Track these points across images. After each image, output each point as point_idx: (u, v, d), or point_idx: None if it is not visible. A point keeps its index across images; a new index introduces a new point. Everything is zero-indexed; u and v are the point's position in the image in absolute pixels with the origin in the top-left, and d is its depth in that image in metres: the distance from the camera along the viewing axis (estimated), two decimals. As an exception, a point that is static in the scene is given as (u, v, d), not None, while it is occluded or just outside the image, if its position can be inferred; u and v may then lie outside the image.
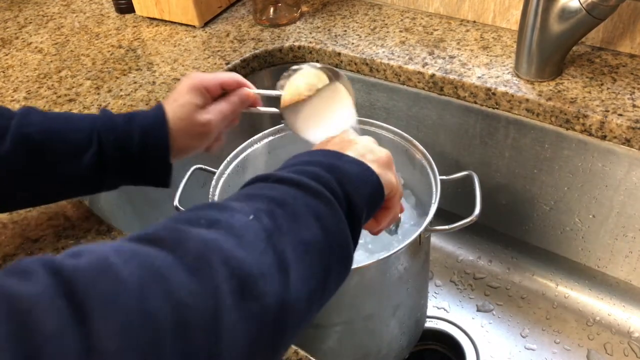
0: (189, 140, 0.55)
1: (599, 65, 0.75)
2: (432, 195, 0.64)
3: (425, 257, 0.69)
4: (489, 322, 0.84)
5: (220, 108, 0.56)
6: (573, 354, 0.79)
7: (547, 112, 0.71)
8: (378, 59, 0.82)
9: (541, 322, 0.83)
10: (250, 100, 0.59)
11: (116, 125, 0.52)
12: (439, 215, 0.62)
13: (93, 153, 0.51)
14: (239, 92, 0.58)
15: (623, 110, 0.67)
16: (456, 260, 0.93)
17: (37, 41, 0.98)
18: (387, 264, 0.60)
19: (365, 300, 0.64)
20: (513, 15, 0.83)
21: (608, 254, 0.79)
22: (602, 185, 0.73)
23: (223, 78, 0.57)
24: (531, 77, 0.73)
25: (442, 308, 0.87)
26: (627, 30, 0.75)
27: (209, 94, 0.56)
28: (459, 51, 0.81)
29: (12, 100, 0.81)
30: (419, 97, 0.82)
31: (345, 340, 0.67)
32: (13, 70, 0.90)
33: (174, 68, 0.85)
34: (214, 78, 0.56)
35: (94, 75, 0.86)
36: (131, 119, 0.53)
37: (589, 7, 0.64)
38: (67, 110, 0.78)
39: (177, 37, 0.94)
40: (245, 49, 0.88)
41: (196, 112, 0.55)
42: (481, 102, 0.76)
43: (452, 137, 0.83)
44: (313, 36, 0.89)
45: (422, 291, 0.75)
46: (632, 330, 0.80)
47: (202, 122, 0.55)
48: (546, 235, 0.84)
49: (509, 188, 0.83)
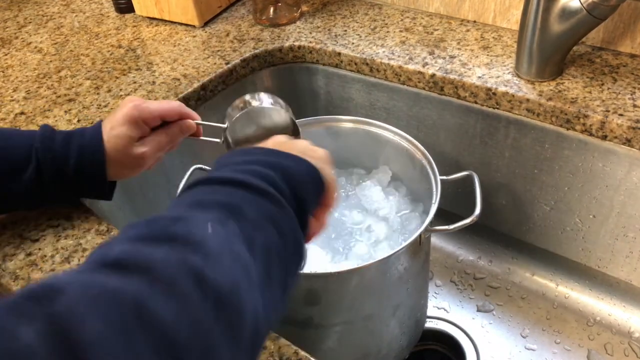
0: (123, 169, 0.55)
1: (599, 65, 0.75)
2: (433, 195, 0.64)
3: (425, 257, 0.69)
4: (489, 322, 0.84)
5: (158, 139, 0.56)
6: (573, 354, 0.79)
7: (548, 112, 0.71)
8: (378, 58, 0.82)
9: (541, 322, 0.83)
10: (191, 131, 0.58)
11: (54, 144, 0.53)
12: (439, 216, 0.62)
13: (32, 170, 0.52)
14: (179, 123, 0.57)
15: (623, 110, 0.67)
16: (456, 260, 0.93)
17: (36, 41, 0.98)
18: (387, 264, 0.60)
19: (366, 301, 0.64)
20: (513, 15, 0.83)
21: (608, 254, 0.79)
22: (602, 185, 0.73)
23: (164, 110, 0.55)
24: (531, 77, 0.73)
25: (442, 308, 0.86)
26: (628, 30, 0.75)
27: (147, 126, 0.55)
28: (459, 51, 0.81)
29: (12, 100, 0.81)
30: (419, 97, 0.82)
31: (345, 341, 0.67)
32: (13, 70, 0.90)
33: (174, 68, 0.85)
34: (154, 109, 0.55)
35: (94, 75, 0.86)
36: (69, 137, 0.54)
37: (590, 7, 0.64)
38: (66, 109, 0.78)
39: (177, 37, 0.94)
40: (245, 48, 0.88)
41: (131, 144, 0.54)
42: (481, 102, 0.76)
43: (452, 137, 0.83)
44: (313, 36, 0.89)
45: (422, 291, 0.75)
46: (632, 331, 0.80)
47: (137, 154, 0.54)
48: (546, 235, 0.84)
49: (509, 188, 0.83)
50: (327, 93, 0.92)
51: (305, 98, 0.94)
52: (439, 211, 0.61)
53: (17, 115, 0.78)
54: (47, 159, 0.53)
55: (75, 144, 0.53)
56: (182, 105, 0.57)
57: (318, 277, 0.59)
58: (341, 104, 0.92)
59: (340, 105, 0.92)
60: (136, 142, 0.54)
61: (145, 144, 0.55)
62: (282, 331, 0.49)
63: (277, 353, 0.47)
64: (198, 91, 0.81)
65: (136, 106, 0.54)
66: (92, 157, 0.53)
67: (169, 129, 0.57)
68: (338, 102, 0.92)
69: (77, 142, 0.54)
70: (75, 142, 0.54)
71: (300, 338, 0.63)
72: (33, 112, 0.78)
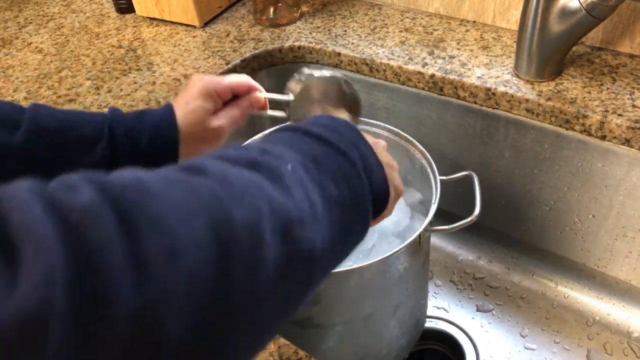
0: (201, 145, 0.55)
1: (598, 65, 0.75)
2: (432, 195, 0.64)
3: (425, 257, 0.69)
4: (488, 322, 0.84)
5: (232, 113, 0.56)
6: (573, 353, 0.79)
7: (547, 112, 0.71)
8: (378, 59, 0.82)
9: (541, 322, 0.83)
10: (260, 104, 0.59)
11: (127, 120, 0.53)
12: (439, 215, 0.62)
13: (105, 145, 0.51)
14: (249, 96, 0.58)
15: (623, 110, 0.68)
16: (456, 260, 0.93)
17: (37, 41, 0.98)
18: (387, 263, 0.60)
19: (365, 300, 0.64)
20: (513, 15, 0.83)
21: (608, 253, 0.79)
22: (601, 185, 0.73)
23: (234, 82, 0.56)
24: (531, 77, 0.74)
25: (442, 308, 0.87)
26: (627, 30, 0.75)
27: (220, 99, 0.56)
28: (459, 51, 0.81)
29: (12, 100, 0.81)
30: (419, 97, 0.82)
31: (345, 340, 0.67)
32: (13, 70, 0.90)
33: (174, 68, 0.85)
34: (226, 82, 0.55)
35: (94, 75, 0.86)
36: (142, 115, 0.53)
37: (589, 7, 0.64)
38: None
39: (177, 37, 0.94)
40: (245, 49, 0.88)
41: (208, 117, 0.54)
42: (481, 102, 0.76)
43: (452, 137, 0.83)
44: (313, 36, 0.90)
45: (422, 291, 0.75)
46: (631, 330, 0.80)
47: (215, 127, 0.55)
48: (546, 235, 0.84)
49: (509, 188, 0.83)
50: (327, 93, 0.93)
51: (305, 98, 0.94)
52: (438, 211, 0.61)
53: (18, 116, 0.78)
54: (120, 133, 0.52)
55: (148, 121, 0.53)
56: (249, 78, 0.58)
57: (318, 276, 0.60)
58: (341, 104, 0.92)
59: (340, 105, 0.92)
60: (212, 116, 0.55)
61: (221, 117, 0.55)
62: (282, 331, 0.49)
63: (277, 353, 0.47)
64: (198, 91, 0.81)
65: (209, 80, 0.55)
66: (165, 135, 0.53)
67: (241, 102, 0.57)
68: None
69: (149, 119, 0.53)
70: (148, 119, 0.53)
71: (300, 338, 0.63)
72: (33, 112, 0.78)
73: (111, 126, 0.52)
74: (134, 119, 0.53)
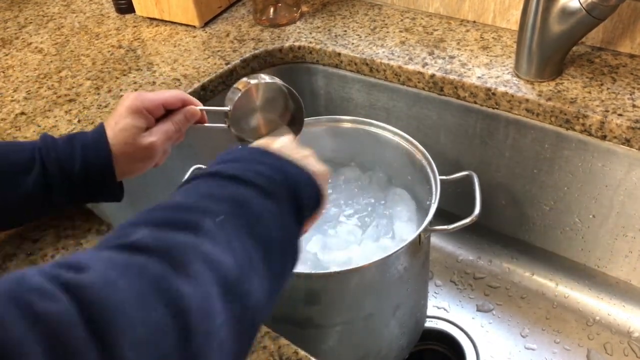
0: (133, 163, 0.55)
1: (598, 65, 0.75)
2: (432, 195, 0.64)
3: (425, 257, 0.69)
4: (489, 322, 0.84)
5: (164, 129, 0.55)
6: (573, 353, 0.79)
7: (547, 112, 0.71)
8: (378, 59, 0.82)
9: (541, 322, 0.83)
10: (196, 117, 0.58)
11: (57, 145, 0.53)
12: (439, 215, 0.62)
13: (37, 173, 0.51)
14: (183, 110, 0.56)
15: (623, 110, 0.68)
16: (456, 260, 0.93)
17: (37, 41, 0.98)
18: (387, 264, 0.60)
19: (366, 300, 0.64)
20: (513, 15, 0.83)
21: (608, 253, 0.79)
22: (602, 185, 0.73)
23: (165, 98, 0.55)
24: (531, 77, 0.74)
25: (442, 308, 0.87)
26: (627, 30, 0.75)
27: (152, 115, 0.54)
28: (459, 51, 0.81)
29: (12, 100, 0.81)
30: (419, 97, 0.82)
31: (345, 340, 0.67)
32: (13, 70, 0.90)
33: (174, 68, 0.85)
34: (155, 98, 0.54)
35: (94, 76, 0.86)
36: (72, 138, 0.53)
37: (589, 7, 0.64)
38: (66, 110, 0.78)
39: (177, 37, 0.94)
40: (245, 49, 0.88)
41: (139, 135, 0.53)
42: (481, 102, 0.76)
43: (452, 137, 0.83)
44: (313, 36, 0.90)
45: (422, 291, 0.75)
46: (632, 330, 0.80)
47: (146, 145, 0.54)
48: (546, 235, 0.84)
49: (509, 188, 0.83)
50: (327, 93, 0.93)
51: (305, 98, 0.94)
52: (438, 211, 0.61)
53: (18, 116, 0.78)
54: (51, 158, 0.52)
55: (79, 143, 0.53)
56: (182, 92, 0.57)
57: (318, 277, 0.60)
58: (341, 104, 0.92)
59: (340, 105, 0.92)
60: (144, 133, 0.54)
61: (153, 134, 0.54)
62: (282, 331, 0.49)
63: (277, 353, 0.47)
64: (198, 91, 0.81)
65: (137, 97, 0.54)
66: (97, 155, 0.52)
67: (174, 117, 0.56)
68: (338, 102, 0.92)
69: (80, 141, 0.53)
70: (79, 140, 0.53)
71: (300, 338, 0.63)
72: (33, 113, 0.78)
73: (41, 153, 0.52)
74: (64, 143, 0.53)
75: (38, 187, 0.52)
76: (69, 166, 0.52)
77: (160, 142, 0.55)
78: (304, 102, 0.62)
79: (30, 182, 0.51)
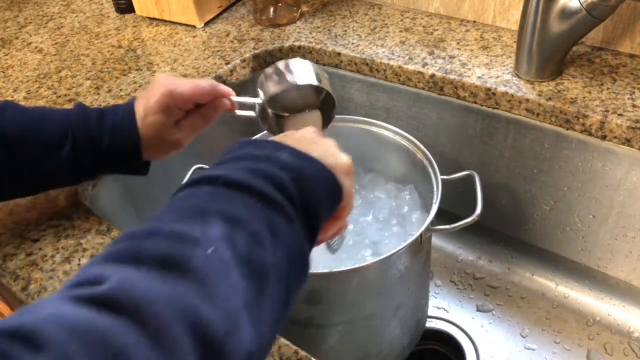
0: (159, 153, 0.56)
1: (599, 65, 0.75)
2: (434, 195, 0.64)
3: (426, 256, 0.69)
4: (489, 322, 0.84)
5: (193, 122, 0.55)
6: (573, 353, 0.79)
7: (547, 112, 0.71)
8: (378, 59, 0.82)
9: (541, 322, 0.83)
10: (225, 109, 0.56)
11: (89, 123, 0.53)
12: (439, 215, 0.62)
13: (69, 148, 0.52)
14: (214, 103, 0.55)
15: (623, 110, 0.68)
16: (456, 260, 0.93)
17: (37, 41, 0.98)
18: (388, 263, 0.60)
19: (367, 300, 0.64)
20: (513, 15, 0.83)
21: (608, 253, 0.79)
22: (602, 185, 0.73)
23: (197, 94, 0.53)
24: (531, 77, 0.74)
25: (442, 308, 0.87)
26: (627, 30, 0.75)
27: (181, 110, 0.54)
28: (459, 51, 0.81)
29: (12, 100, 0.81)
30: (419, 97, 0.82)
31: (346, 340, 0.67)
32: (13, 70, 0.90)
33: (174, 68, 0.85)
34: (187, 95, 0.53)
35: (94, 75, 0.86)
36: (102, 117, 0.53)
37: (589, 7, 0.64)
38: (67, 110, 0.78)
39: (177, 37, 0.94)
40: (245, 49, 0.88)
41: (167, 131, 0.54)
42: (481, 102, 0.76)
43: (452, 137, 0.83)
44: (313, 36, 0.90)
45: (423, 291, 0.75)
46: (632, 330, 0.80)
47: (173, 140, 0.54)
48: (546, 235, 0.84)
49: (509, 188, 0.83)
50: (327, 93, 0.92)
51: (305, 98, 0.94)
52: (438, 211, 0.61)
53: (18, 115, 0.78)
54: (83, 136, 0.52)
55: (108, 124, 0.53)
56: (213, 85, 0.55)
57: (319, 276, 0.60)
58: (341, 104, 0.92)
59: (340, 105, 0.92)
60: (172, 129, 0.54)
61: (181, 129, 0.54)
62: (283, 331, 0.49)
63: (277, 353, 0.47)
64: (198, 91, 0.81)
65: (169, 93, 0.52)
66: (124, 137, 0.53)
67: (204, 110, 0.55)
68: (338, 102, 0.92)
69: (110, 121, 0.53)
70: (108, 121, 0.53)
71: (301, 337, 0.63)
72: (33, 112, 0.78)
73: (74, 130, 0.52)
74: (95, 120, 0.53)
75: (69, 161, 0.52)
76: (98, 145, 0.53)
77: (187, 137, 0.55)
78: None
79: (62, 156, 0.52)
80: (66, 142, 0.52)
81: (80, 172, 0.54)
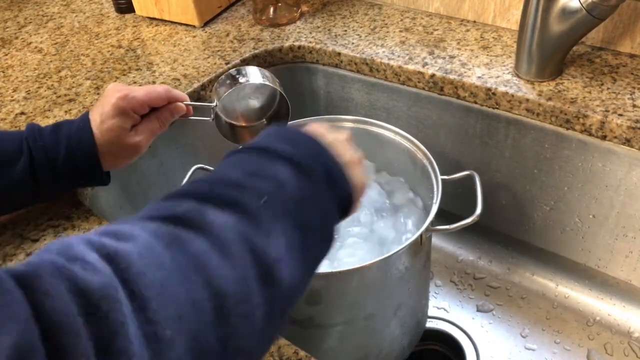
0: (119, 159, 0.56)
1: (599, 65, 0.75)
2: (434, 194, 0.64)
3: (426, 256, 0.69)
4: (489, 322, 0.84)
5: (150, 126, 0.56)
6: (573, 354, 0.79)
7: (547, 112, 0.71)
8: (378, 58, 0.82)
9: (541, 322, 0.83)
10: (181, 113, 0.58)
11: (43, 134, 0.53)
12: (439, 216, 0.62)
13: (24, 163, 0.52)
14: (169, 107, 0.57)
15: (623, 110, 0.68)
16: (456, 260, 0.93)
17: (36, 41, 0.98)
18: (388, 263, 0.60)
19: (367, 300, 0.64)
20: (513, 15, 0.83)
21: (608, 254, 0.79)
22: (602, 185, 0.73)
23: (151, 97, 0.56)
24: (531, 77, 0.74)
25: (442, 308, 0.86)
26: (627, 30, 0.75)
27: (137, 114, 0.55)
28: (459, 51, 0.81)
29: (12, 100, 0.81)
30: (419, 97, 0.82)
31: (346, 340, 0.67)
32: (13, 70, 0.90)
33: (174, 68, 0.85)
34: (142, 99, 0.55)
35: (94, 75, 0.86)
36: (57, 129, 0.54)
37: (589, 7, 0.64)
38: (66, 109, 0.78)
39: (177, 37, 0.94)
40: (245, 48, 0.88)
41: (125, 135, 0.54)
42: (481, 102, 0.76)
43: (452, 137, 0.83)
44: (313, 36, 0.89)
45: (423, 291, 0.75)
46: (632, 330, 0.80)
47: (132, 144, 0.55)
48: (546, 235, 0.84)
49: (509, 188, 0.83)
50: (327, 93, 0.93)
51: (305, 98, 0.94)
52: (438, 211, 0.61)
53: (18, 115, 0.78)
54: (38, 147, 0.53)
55: (64, 132, 0.54)
56: (168, 89, 0.57)
57: (319, 276, 0.59)
58: (341, 104, 0.92)
59: (340, 105, 0.92)
60: (129, 132, 0.55)
61: (139, 133, 0.55)
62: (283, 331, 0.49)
63: (277, 353, 0.47)
64: (198, 91, 0.81)
65: (124, 97, 0.54)
66: (81, 145, 0.53)
67: (160, 113, 0.57)
68: (338, 102, 0.92)
69: (66, 130, 0.54)
70: (64, 130, 0.54)
71: (301, 337, 0.63)
72: (33, 112, 0.78)
73: (28, 142, 0.53)
74: (50, 132, 0.54)
75: (26, 175, 0.53)
76: (54, 155, 0.53)
77: (146, 140, 0.56)
78: (304, 102, 0.62)
79: (18, 171, 0.52)
80: (21, 157, 0.52)
81: (38, 188, 0.54)
